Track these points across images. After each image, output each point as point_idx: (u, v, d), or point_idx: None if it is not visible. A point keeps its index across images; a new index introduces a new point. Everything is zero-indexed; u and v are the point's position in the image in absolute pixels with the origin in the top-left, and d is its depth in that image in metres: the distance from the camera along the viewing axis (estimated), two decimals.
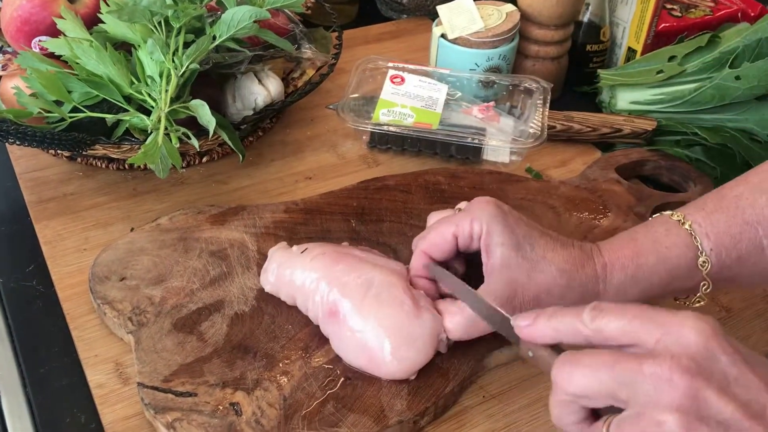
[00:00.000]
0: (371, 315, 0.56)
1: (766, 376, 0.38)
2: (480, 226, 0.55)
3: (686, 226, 0.54)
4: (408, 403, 0.55)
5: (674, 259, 0.54)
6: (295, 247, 0.63)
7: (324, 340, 0.59)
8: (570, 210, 0.74)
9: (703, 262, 0.54)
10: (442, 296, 0.60)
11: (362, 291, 0.57)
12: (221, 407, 0.54)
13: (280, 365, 0.57)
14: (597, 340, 0.42)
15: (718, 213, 0.55)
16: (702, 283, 0.55)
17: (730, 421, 0.37)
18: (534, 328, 0.45)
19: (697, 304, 0.56)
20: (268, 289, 0.62)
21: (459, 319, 0.56)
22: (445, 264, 0.60)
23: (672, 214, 0.56)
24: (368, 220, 0.71)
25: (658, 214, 0.57)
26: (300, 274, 0.60)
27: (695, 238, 0.54)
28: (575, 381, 0.40)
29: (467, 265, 0.60)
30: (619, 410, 0.40)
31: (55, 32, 0.72)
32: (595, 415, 0.42)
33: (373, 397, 0.56)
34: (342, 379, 0.57)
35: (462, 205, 0.63)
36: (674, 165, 0.82)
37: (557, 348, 0.45)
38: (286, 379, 0.56)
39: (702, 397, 0.37)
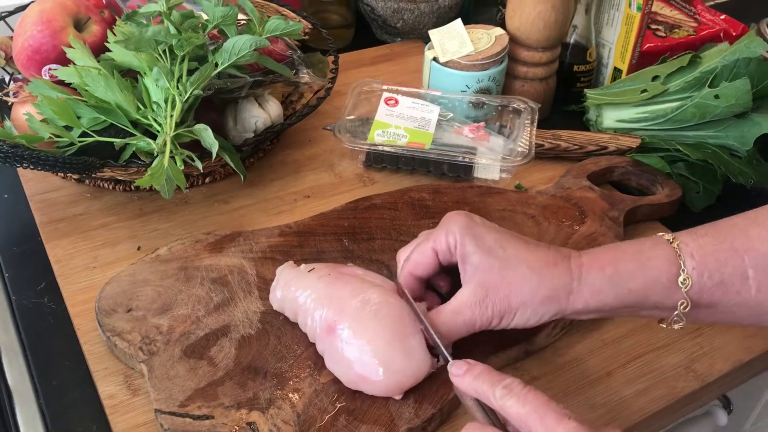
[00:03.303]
0: (367, 330, 0.58)
1: None
2: (454, 238, 0.58)
3: (673, 245, 0.56)
4: (415, 411, 0.58)
5: (655, 270, 0.55)
6: (303, 266, 0.65)
7: None
8: (548, 218, 0.77)
9: (684, 279, 0.55)
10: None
11: (360, 309, 0.59)
12: (238, 427, 0.56)
13: (291, 383, 0.60)
14: (501, 413, 0.50)
15: (707, 237, 0.56)
16: (681, 302, 0.55)
17: None
18: (461, 380, 0.53)
19: (677, 325, 0.57)
20: (275, 306, 0.65)
21: (440, 320, 0.58)
22: (428, 282, 0.63)
23: (663, 235, 0.57)
24: (360, 239, 0.74)
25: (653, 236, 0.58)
26: (304, 292, 0.62)
27: (679, 255, 0.55)
28: None
29: (452, 283, 0.63)
30: None
31: (64, 61, 0.76)
32: None
33: (382, 407, 0.58)
34: (350, 392, 0.59)
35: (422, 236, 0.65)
36: (642, 170, 0.86)
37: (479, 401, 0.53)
38: (297, 397, 0.59)
39: None
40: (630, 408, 0.63)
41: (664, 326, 0.59)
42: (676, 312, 0.56)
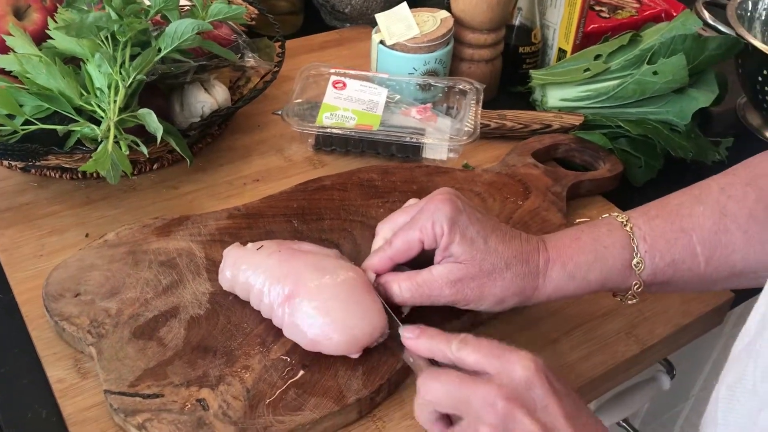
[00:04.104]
0: (323, 295, 0.59)
1: (567, 406, 0.49)
2: (441, 228, 0.59)
3: (627, 228, 0.59)
4: (363, 382, 0.60)
5: (610, 259, 0.58)
6: (249, 245, 0.65)
7: (280, 334, 0.62)
8: (493, 195, 0.79)
9: (637, 262, 0.58)
10: None
11: (315, 278, 0.60)
12: (189, 404, 0.57)
13: (240, 361, 0.60)
14: (459, 364, 0.52)
15: (658, 219, 0.59)
16: (634, 283, 0.59)
17: None
18: (415, 342, 0.55)
19: (630, 302, 0.61)
20: (225, 286, 0.65)
21: (407, 284, 0.60)
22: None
23: (618, 216, 0.60)
24: (309, 220, 0.74)
25: (607, 215, 0.61)
26: (255, 270, 0.63)
27: (633, 239, 0.58)
28: (431, 391, 0.51)
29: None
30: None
31: (4, 49, 0.75)
32: (446, 417, 0.53)
33: (331, 380, 0.60)
34: (300, 367, 0.60)
35: (411, 201, 0.66)
36: (584, 147, 0.88)
37: (432, 360, 0.55)
38: (247, 373, 0.59)
39: (513, 417, 0.48)
40: (574, 372, 0.65)
41: (619, 299, 0.62)
42: (630, 292, 0.60)
